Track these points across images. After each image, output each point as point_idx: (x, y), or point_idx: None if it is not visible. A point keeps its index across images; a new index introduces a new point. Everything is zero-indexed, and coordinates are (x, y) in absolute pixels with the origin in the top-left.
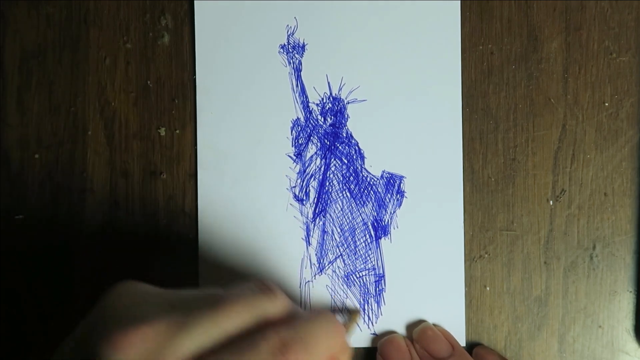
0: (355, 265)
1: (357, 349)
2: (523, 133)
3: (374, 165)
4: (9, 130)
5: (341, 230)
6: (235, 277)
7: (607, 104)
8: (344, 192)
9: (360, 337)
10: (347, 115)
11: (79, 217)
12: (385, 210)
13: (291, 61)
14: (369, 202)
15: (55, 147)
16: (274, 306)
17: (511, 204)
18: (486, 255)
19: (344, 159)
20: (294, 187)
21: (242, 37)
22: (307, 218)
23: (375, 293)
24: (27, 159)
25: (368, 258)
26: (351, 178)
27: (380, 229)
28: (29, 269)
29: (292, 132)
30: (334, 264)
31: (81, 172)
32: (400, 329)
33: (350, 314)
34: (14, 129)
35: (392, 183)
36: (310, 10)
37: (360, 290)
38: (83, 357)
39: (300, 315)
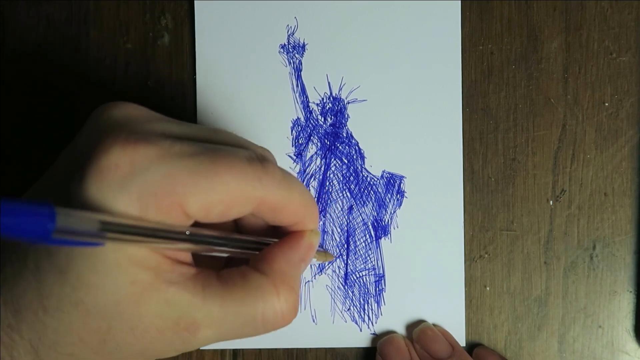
0: (355, 265)
1: (356, 349)
2: (523, 133)
3: (374, 165)
4: (9, 130)
5: (341, 230)
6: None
7: (607, 104)
8: (344, 192)
9: (360, 337)
10: (347, 115)
11: None
12: (385, 210)
13: (291, 61)
14: (369, 202)
15: (56, 147)
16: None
17: (511, 204)
18: (486, 255)
19: (344, 159)
20: None
21: (242, 37)
22: None
23: (375, 293)
24: (28, 159)
25: (368, 258)
26: (351, 178)
27: (380, 229)
28: None
29: (292, 132)
30: (334, 264)
31: None
32: (400, 329)
33: (325, 253)
34: (13, 129)
35: (392, 183)
36: (310, 10)
37: (360, 290)
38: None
39: None
